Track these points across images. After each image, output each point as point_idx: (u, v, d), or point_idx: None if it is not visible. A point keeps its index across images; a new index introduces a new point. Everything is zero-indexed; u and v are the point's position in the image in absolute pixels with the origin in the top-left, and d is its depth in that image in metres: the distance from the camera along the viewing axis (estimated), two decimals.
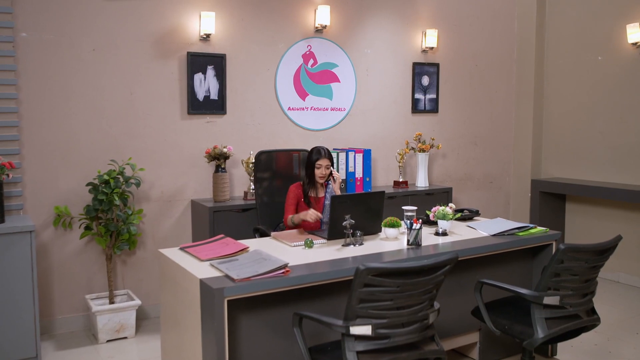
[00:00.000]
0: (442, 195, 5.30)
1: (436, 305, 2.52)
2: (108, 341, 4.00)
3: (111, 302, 4.12)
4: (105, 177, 3.94)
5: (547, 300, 2.69)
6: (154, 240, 4.43)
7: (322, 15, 4.90)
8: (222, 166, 4.42)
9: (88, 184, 3.98)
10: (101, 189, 3.91)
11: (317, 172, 3.83)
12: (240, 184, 4.75)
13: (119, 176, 4.00)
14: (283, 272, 2.61)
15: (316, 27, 4.97)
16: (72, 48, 4.05)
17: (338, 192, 3.89)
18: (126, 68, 4.24)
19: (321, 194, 3.92)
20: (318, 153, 3.84)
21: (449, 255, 2.37)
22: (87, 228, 4.04)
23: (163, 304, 3.11)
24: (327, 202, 3.87)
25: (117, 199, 3.91)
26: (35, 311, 3.54)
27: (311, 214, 3.58)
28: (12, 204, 3.83)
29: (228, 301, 2.47)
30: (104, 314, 3.96)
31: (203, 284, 2.51)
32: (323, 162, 3.82)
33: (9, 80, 3.80)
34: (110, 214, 4.01)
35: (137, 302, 4.10)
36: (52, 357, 3.76)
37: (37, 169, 4.00)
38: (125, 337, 4.06)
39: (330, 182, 3.89)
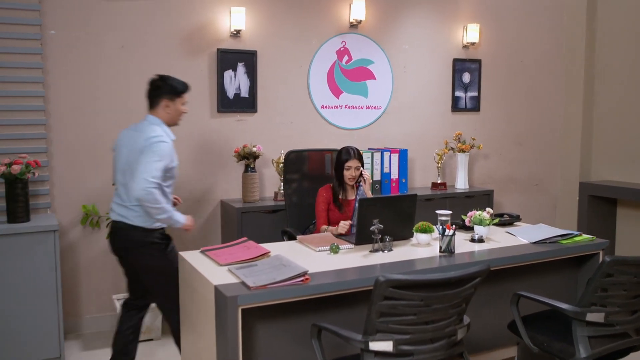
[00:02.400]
0: (482, 198, 5.05)
1: (466, 319, 2.32)
2: None
3: None
4: None
5: (591, 317, 2.45)
6: (182, 241, 4.34)
7: (357, 10, 4.73)
8: (252, 166, 4.31)
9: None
10: None
11: (347, 173, 3.66)
12: (271, 184, 4.63)
13: None
14: (302, 280, 2.45)
15: (351, 22, 4.80)
16: (100, 45, 4.01)
17: (369, 194, 3.71)
18: (155, 65, 4.16)
19: (352, 197, 3.75)
20: (347, 154, 3.67)
21: (479, 266, 2.17)
22: None
23: (182, 308, 3.01)
24: (358, 204, 3.70)
25: None
26: (59, 311, 3.50)
27: (342, 227, 3.39)
28: (39, 203, 3.81)
29: (244, 309, 2.35)
30: None
31: (217, 290, 2.39)
32: (353, 163, 3.65)
33: (36, 77, 3.77)
34: None
35: None
36: (76, 358, 3.72)
37: (65, 167, 3.97)
38: (151, 339, 3.99)
39: (361, 183, 3.72)
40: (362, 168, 3.71)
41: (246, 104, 4.49)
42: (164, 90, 3.16)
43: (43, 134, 3.83)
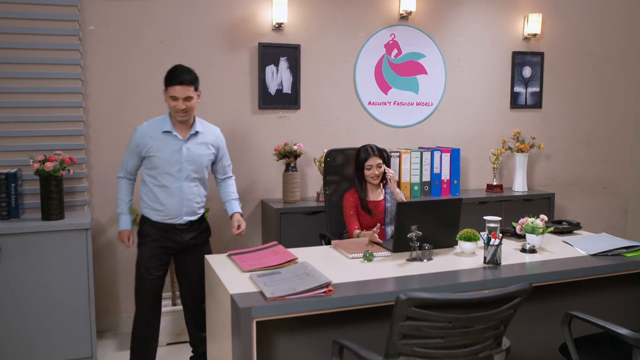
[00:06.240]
0: (542, 202, 4.68)
1: (505, 343, 2.06)
2: (168, 344, 3.86)
3: (174, 304, 3.97)
4: None
5: None
6: (222, 241, 4.24)
7: (408, 0, 4.46)
8: (292, 165, 4.14)
9: None
10: None
11: (368, 173, 3.45)
12: (314, 185, 4.44)
13: None
14: (325, 292, 2.26)
15: (401, 14, 4.54)
16: (140, 40, 3.94)
17: (397, 192, 3.46)
18: (194, 60, 4.03)
19: (379, 197, 3.52)
20: (366, 152, 3.46)
21: (519, 285, 1.90)
22: None
23: (207, 312, 2.89)
24: (389, 204, 3.47)
25: None
26: (90, 311, 3.45)
27: (374, 233, 3.11)
28: (76, 200, 3.78)
29: (261, 321, 2.18)
30: (164, 316, 3.78)
31: (233, 300, 2.23)
32: (373, 161, 3.43)
33: (74, 74, 3.73)
34: None
35: None
36: (109, 358, 3.67)
37: (103, 164, 3.93)
38: (186, 342, 3.89)
39: (388, 182, 3.49)
40: (384, 165, 3.48)
41: (289, 100, 4.33)
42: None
43: (81, 131, 3.79)
